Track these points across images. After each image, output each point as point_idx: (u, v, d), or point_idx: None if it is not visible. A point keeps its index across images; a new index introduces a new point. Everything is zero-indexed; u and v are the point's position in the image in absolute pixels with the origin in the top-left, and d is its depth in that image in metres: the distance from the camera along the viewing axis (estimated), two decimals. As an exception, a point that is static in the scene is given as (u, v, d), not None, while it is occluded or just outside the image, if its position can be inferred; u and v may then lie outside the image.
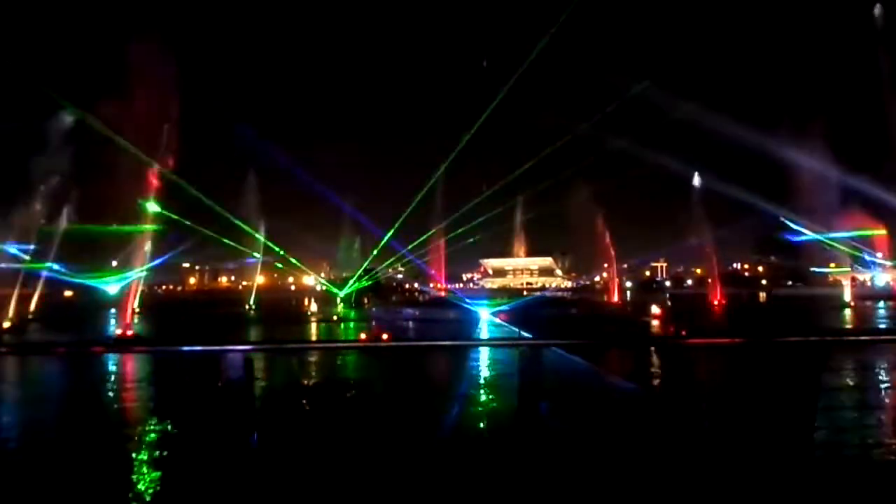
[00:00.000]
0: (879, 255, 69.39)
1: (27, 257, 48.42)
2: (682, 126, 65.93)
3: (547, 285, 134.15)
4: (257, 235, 62.28)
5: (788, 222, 65.97)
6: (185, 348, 26.58)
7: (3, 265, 46.61)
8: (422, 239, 71.11)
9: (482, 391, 17.18)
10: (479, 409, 15.23)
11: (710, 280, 73.81)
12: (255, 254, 64.36)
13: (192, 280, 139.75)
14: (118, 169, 37.07)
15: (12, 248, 47.06)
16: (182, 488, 9.56)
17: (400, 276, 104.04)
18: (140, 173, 39.02)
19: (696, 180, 69.06)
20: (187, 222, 54.22)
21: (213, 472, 9.77)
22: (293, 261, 72.82)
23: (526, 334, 29.38)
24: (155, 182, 40.48)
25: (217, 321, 43.19)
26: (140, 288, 49.00)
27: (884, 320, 46.30)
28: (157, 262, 50.03)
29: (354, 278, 62.74)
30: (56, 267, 54.84)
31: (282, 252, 66.49)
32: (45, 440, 12.39)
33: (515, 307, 42.83)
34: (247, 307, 59.79)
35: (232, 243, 64.36)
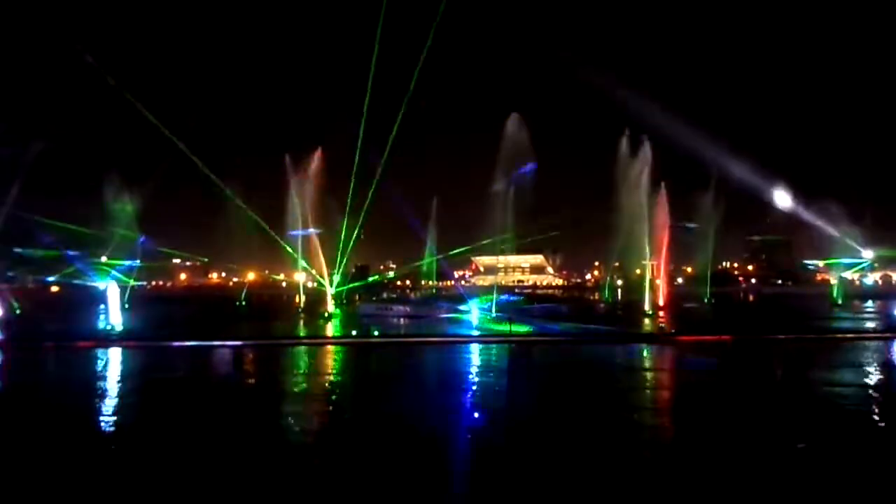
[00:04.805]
0: (868, 252, 69.97)
1: None
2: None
3: (538, 283, 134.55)
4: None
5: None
6: (175, 343, 26.62)
7: None
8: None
9: (475, 380, 17.13)
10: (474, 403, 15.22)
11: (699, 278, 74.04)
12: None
13: (183, 276, 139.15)
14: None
15: None
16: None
17: (391, 273, 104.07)
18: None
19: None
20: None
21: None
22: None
23: (517, 330, 29.45)
24: None
25: (208, 316, 42.92)
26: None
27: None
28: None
29: (340, 274, 62.27)
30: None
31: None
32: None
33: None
34: (237, 303, 59.62)
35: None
